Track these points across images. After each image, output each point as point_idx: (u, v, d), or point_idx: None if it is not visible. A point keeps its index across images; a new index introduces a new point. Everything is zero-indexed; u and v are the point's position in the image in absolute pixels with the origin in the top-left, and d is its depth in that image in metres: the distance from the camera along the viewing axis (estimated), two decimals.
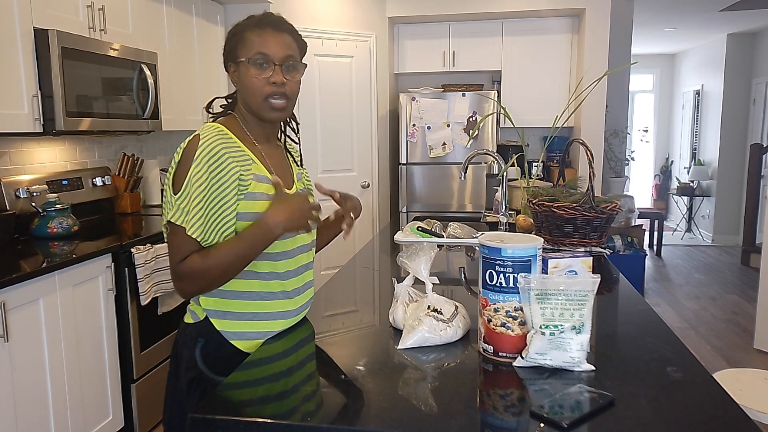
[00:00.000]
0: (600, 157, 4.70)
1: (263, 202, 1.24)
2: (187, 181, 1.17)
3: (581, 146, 1.99)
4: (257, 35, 1.26)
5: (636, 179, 9.27)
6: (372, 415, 0.93)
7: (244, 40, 1.27)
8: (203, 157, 1.18)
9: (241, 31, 1.28)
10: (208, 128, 1.24)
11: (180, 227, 1.18)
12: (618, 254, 4.75)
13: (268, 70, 1.26)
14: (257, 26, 1.27)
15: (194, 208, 1.17)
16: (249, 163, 1.24)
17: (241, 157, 1.23)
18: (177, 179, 1.20)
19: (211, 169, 1.18)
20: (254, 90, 1.26)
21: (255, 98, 1.27)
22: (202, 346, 1.27)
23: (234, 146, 1.23)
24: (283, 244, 1.29)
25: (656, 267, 6.27)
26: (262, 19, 1.29)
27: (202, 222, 1.18)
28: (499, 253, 1.11)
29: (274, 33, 1.28)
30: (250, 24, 1.28)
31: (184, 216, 1.17)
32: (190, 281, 1.19)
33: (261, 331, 1.28)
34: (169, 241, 1.20)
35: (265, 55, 1.25)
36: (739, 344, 4.03)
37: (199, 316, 1.29)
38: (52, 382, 2.12)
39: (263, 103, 1.27)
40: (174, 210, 1.18)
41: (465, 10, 4.51)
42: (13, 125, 2.28)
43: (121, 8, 2.90)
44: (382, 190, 4.75)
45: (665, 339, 1.25)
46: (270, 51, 1.26)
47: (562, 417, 0.89)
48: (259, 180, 1.25)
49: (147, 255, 2.47)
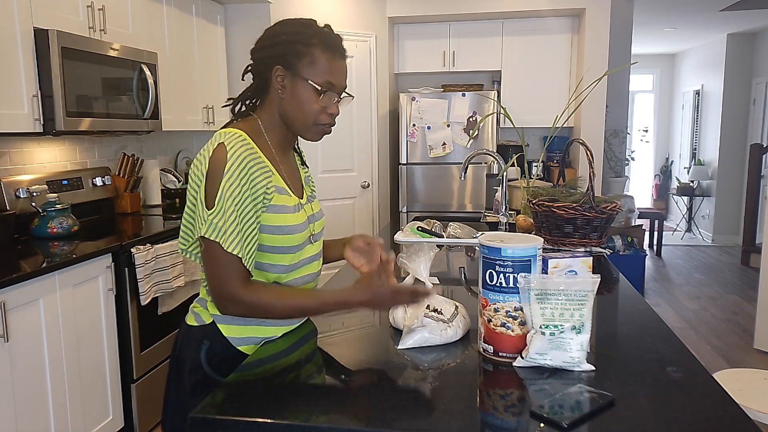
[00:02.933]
0: (600, 157, 4.70)
1: (282, 216, 1.22)
2: (219, 195, 1.13)
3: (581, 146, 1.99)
4: (328, 59, 1.21)
5: (636, 179, 9.27)
6: (372, 415, 0.93)
7: (312, 57, 1.20)
8: (234, 170, 1.14)
9: (307, 42, 1.21)
10: (231, 137, 1.18)
11: (215, 243, 1.14)
12: (618, 254, 4.75)
13: (329, 100, 1.23)
14: (329, 49, 1.22)
15: (231, 225, 1.14)
16: (270, 175, 1.21)
17: (265, 170, 1.20)
18: (209, 193, 1.15)
19: (243, 182, 1.14)
20: (310, 114, 1.23)
21: (306, 120, 1.24)
22: (207, 349, 1.26)
23: (257, 158, 1.19)
24: (291, 258, 1.27)
25: (656, 267, 6.27)
26: (334, 41, 1.23)
27: (240, 238, 1.15)
28: (499, 253, 1.11)
29: (341, 61, 1.24)
30: (319, 40, 1.21)
31: (218, 232, 1.14)
32: (245, 307, 1.16)
33: (266, 336, 1.28)
34: (208, 258, 1.16)
35: (332, 86, 1.22)
36: (739, 344, 4.03)
37: (205, 320, 1.28)
38: (52, 382, 2.12)
39: (313, 127, 1.25)
40: (207, 225, 1.14)
41: (465, 10, 4.51)
42: (13, 125, 2.28)
43: (121, 8, 2.90)
44: (382, 190, 4.75)
45: (665, 339, 1.25)
46: (337, 82, 1.23)
47: (562, 417, 0.89)
48: (279, 192, 1.23)
49: (147, 255, 2.47)
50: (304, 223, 1.28)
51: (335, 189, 4.45)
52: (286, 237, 1.23)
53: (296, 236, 1.25)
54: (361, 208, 4.61)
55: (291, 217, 1.24)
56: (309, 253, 1.32)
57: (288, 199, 1.24)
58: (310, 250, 1.32)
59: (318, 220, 1.36)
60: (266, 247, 1.22)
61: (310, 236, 1.31)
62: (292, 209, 1.25)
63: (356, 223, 4.59)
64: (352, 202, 4.56)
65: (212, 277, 1.16)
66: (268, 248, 1.23)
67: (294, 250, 1.26)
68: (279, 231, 1.22)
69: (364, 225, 4.64)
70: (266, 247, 1.22)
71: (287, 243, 1.24)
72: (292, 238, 1.24)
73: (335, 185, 4.45)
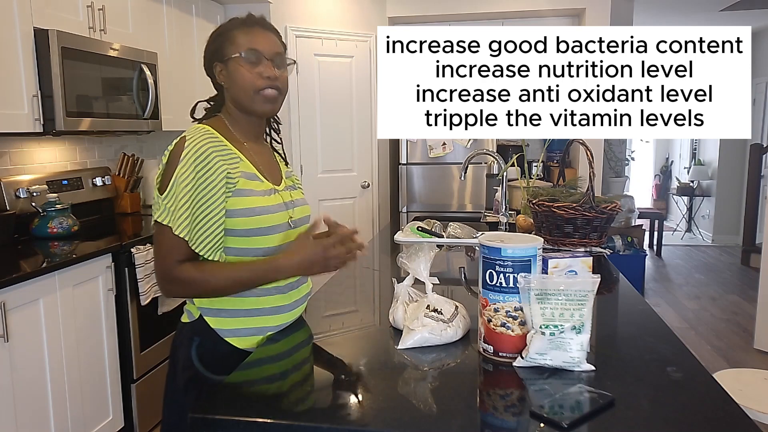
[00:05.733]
0: (600, 157, 4.69)
1: (251, 198, 1.26)
2: (173, 181, 1.20)
3: (581, 146, 1.99)
4: (245, 33, 1.29)
5: (636, 179, 9.25)
6: (372, 415, 0.93)
7: (231, 38, 1.29)
8: (189, 157, 1.20)
9: (226, 31, 1.31)
10: (194, 129, 1.26)
11: (166, 227, 1.20)
12: (618, 254, 4.75)
13: (260, 65, 1.28)
14: (244, 25, 1.31)
15: (180, 208, 1.19)
16: (237, 161, 1.26)
17: (228, 156, 1.25)
18: (163, 180, 1.22)
19: (198, 168, 1.20)
20: (247, 84, 1.28)
21: (247, 93, 1.29)
22: (197, 345, 1.28)
23: (221, 145, 1.25)
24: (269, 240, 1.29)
25: (656, 267, 6.27)
26: (248, 19, 1.32)
27: (189, 222, 1.20)
28: (499, 253, 1.11)
29: (262, 30, 1.32)
30: (235, 24, 1.32)
31: (170, 216, 1.19)
32: (179, 286, 1.23)
33: (256, 327, 1.28)
34: (156, 241, 1.23)
35: (256, 51, 1.28)
36: (739, 344, 4.03)
37: (194, 314, 1.29)
38: (52, 382, 2.12)
39: (255, 96, 1.29)
40: (161, 210, 1.21)
41: (465, 10, 4.51)
42: (13, 125, 2.28)
43: (121, 8, 2.89)
44: (382, 190, 4.75)
45: (665, 339, 1.25)
46: (261, 47, 1.29)
47: (562, 417, 0.89)
48: (247, 177, 1.27)
49: (147, 255, 2.47)
50: (278, 205, 1.31)
51: (335, 189, 4.45)
52: (258, 218, 1.26)
53: (269, 217, 1.28)
54: (361, 208, 4.61)
55: (261, 199, 1.27)
56: (291, 238, 1.33)
57: (258, 184, 1.29)
58: (291, 235, 1.33)
59: (299, 206, 1.39)
60: (240, 230, 1.26)
61: (289, 221, 1.34)
62: (262, 193, 1.28)
63: (356, 223, 4.59)
64: (352, 202, 4.55)
65: (156, 259, 1.23)
66: (242, 231, 1.26)
67: (270, 232, 1.28)
68: (251, 213, 1.25)
69: (364, 225, 4.64)
70: (240, 231, 1.26)
71: (260, 224, 1.27)
72: (265, 219, 1.27)
73: (335, 185, 4.45)
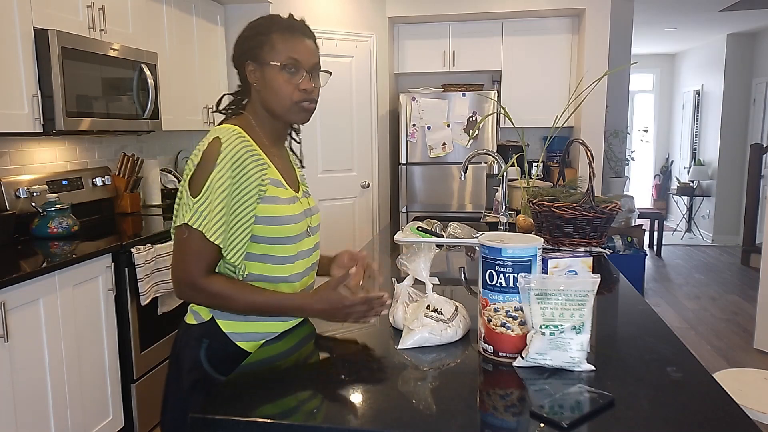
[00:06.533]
0: (600, 157, 4.69)
1: (277, 206, 1.24)
2: (208, 185, 1.16)
3: (581, 146, 1.99)
4: (286, 40, 1.24)
5: (636, 179, 9.27)
6: (372, 415, 0.93)
7: (272, 42, 1.24)
8: (227, 162, 1.16)
9: (266, 31, 1.25)
10: (227, 131, 1.21)
11: (197, 231, 1.16)
12: (618, 254, 4.75)
13: (298, 77, 1.25)
14: (287, 30, 1.25)
15: (217, 215, 1.16)
16: (266, 168, 1.24)
17: (260, 162, 1.23)
18: (196, 182, 1.17)
19: (234, 174, 1.17)
20: (283, 95, 1.25)
21: (282, 103, 1.26)
22: (206, 347, 1.27)
23: (253, 150, 1.22)
24: (289, 249, 1.29)
25: (656, 267, 6.27)
26: (292, 23, 1.27)
27: (224, 228, 1.17)
28: (499, 253, 1.10)
29: (303, 39, 1.27)
30: (277, 26, 1.26)
31: (203, 221, 1.16)
32: (204, 295, 1.19)
33: (266, 332, 1.29)
34: (183, 243, 1.18)
35: (296, 62, 1.25)
36: (739, 344, 4.03)
37: (204, 317, 1.28)
38: (52, 382, 2.12)
39: (292, 107, 1.26)
40: (192, 213, 1.16)
41: (465, 10, 4.51)
42: (13, 125, 2.28)
43: (121, 8, 2.90)
44: (382, 190, 4.75)
45: (665, 339, 1.25)
46: (301, 58, 1.25)
47: (562, 417, 0.89)
48: (274, 184, 1.25)
49: (147, 255, 2.47)
50: (300, 214, 1.31)
51: (335, 189, 4.45)
52: (283, 227, 1.25)
53: (293, 227, 1.27)
54: (361, 208, 4.61)
55: (287, 208, 1.26)
56: (307, 246, 1.35)
57: (283, 191, 1.27)
58: (307, 242, 1.35)
59: (314, 214, 1.40)
60: (264, 238, 1.25)
61: (308, 228, 1.34)
62: (287, 201, 1.27)
63: (356, 223, 4.59)
64: (352, 202, 4.56)
65: (180, 262, 1.18)
66: (265, 239, 1.25)
67: (292, 241, 1.28)
68: (276, 221, 1.24)
69: (364, 225, 4.64)
70: (264, 238, 1.25)
71: (285, 233, 1.26)
72: (289, 229, 1.27)
73: (335, 185, 4.45)
